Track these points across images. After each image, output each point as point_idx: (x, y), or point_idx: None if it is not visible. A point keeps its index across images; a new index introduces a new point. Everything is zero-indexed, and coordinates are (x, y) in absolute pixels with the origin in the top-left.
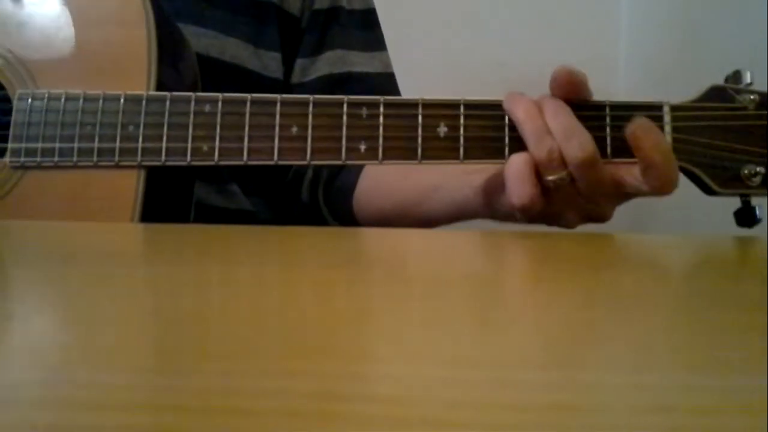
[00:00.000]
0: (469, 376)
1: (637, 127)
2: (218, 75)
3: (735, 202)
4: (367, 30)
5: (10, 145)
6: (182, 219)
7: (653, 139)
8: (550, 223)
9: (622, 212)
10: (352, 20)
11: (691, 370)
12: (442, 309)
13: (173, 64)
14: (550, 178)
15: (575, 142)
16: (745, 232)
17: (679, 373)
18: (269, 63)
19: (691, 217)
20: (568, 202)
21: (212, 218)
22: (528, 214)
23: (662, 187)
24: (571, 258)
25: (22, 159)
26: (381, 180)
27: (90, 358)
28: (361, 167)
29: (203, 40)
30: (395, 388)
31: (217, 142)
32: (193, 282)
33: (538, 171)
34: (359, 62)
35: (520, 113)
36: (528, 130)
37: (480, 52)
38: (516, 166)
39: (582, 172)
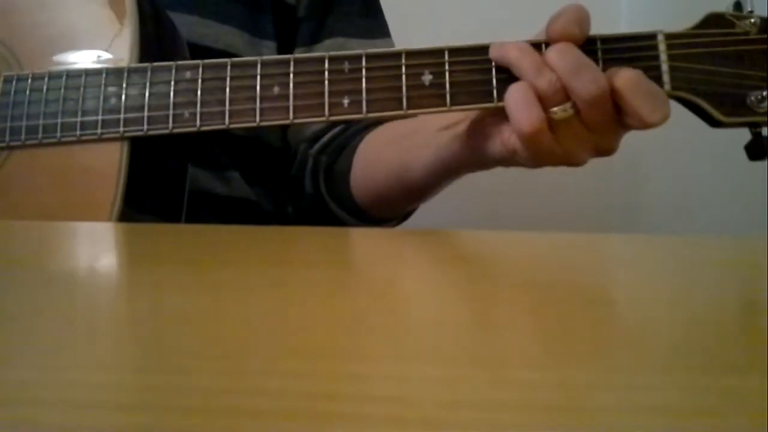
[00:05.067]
0: (469, 376)
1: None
2: None
3: (735, 183)
4: (368, 17)
5: None
6: (174, 200)
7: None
8: (558, 163)
9: (622, 212)
10: (353, 8)
11: (691, 370)
12: (442, 309)
13: (156, 38)
14: (555, 109)
15: (587, 77)
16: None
17: (679, 373)
18: (264, 52)
19: (691, 217)
20: (578, 138)
21: (216, 207)
22: (536, 147)
23: (652, 113)
24: (570, 258)
25: (7, 138)
26: (372, 155)
27: (90, 358)
28: (355, 150)
29: (197, 28)
30: (395, 388)
31: (198, 108)
32: (192, 282)
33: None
34: (360, 49)
35: (514, 51)
36: (525, 64)
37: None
38: (516, 93)
39: (594, 107)
